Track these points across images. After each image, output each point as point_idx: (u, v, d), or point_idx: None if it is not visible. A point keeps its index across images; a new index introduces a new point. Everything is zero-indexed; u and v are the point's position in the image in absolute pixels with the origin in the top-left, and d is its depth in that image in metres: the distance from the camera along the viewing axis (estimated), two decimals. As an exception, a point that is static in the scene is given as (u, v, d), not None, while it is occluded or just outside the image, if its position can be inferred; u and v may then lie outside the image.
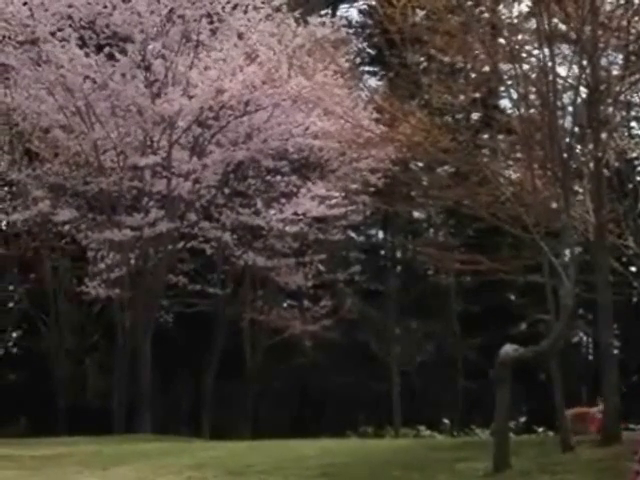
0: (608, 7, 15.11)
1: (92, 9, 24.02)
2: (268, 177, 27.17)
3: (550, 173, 15.00)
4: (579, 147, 15.95)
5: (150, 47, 24.76)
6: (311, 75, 21.84)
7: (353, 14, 37.38)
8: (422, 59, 19.04)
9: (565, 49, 16.47)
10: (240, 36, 24.47)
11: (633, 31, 15.72)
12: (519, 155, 17.52)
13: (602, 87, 15.64)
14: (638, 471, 2.81)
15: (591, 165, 15.71)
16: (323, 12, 31.38)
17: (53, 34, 23.67)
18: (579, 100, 15.54)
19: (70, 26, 23.81)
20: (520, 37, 16.32)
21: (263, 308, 29.31)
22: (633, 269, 22.42)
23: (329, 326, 28.89)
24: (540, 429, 27.37)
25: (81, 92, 24.10)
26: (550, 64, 14.50)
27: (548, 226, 14.83)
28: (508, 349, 13.08)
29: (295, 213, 25.75)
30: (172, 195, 24.61)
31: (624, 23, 15.23)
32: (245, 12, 24.46)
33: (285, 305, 31.18)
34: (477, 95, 18.90)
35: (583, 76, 14.97)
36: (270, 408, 33.92)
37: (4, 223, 27.73)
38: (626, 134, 23.03)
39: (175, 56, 24.51)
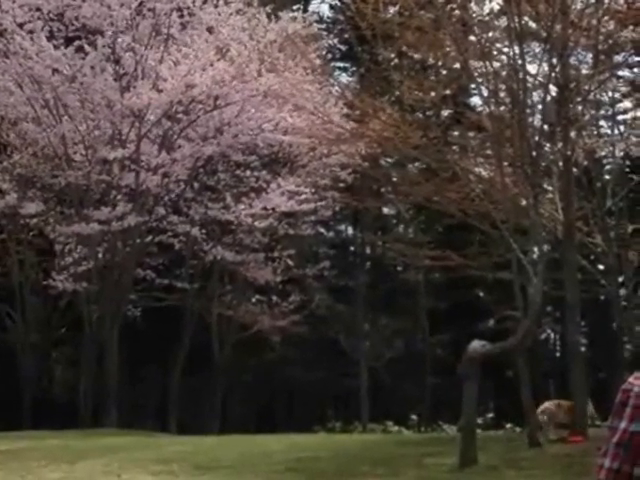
0: (579, 6, 15.21)
1: (61, 1, 23.83)
2: (238, 172, 27.07)
3: (519, 171, 15.08)
4: (548, 145, 16.05)
5: (120, 40, 24.61)
6: (282, 71, 21.79)
7: (325, 10, 37.50)
8: (393, 55, 19.08)
9: (535, 47, 16.60)
10: (210, 30, 24.37)
11: (603, 30, 15.84)
12: (489, 152, 17.59)
13: (572, 85, 15.74)
14: (601, 465, 2.84)
15: (560, 163, 15.82)
16: (295, 7, 31.37)
17: (21, 26, 23.45)
18: (549, 98, 15.64)
19: (39, 18, 23.60)
20: (491, 35, 16.41)
21: (231, 303, 29.25)
22: (601, 267, 22.58)
23: (298, 321, 28.88)
24: (508, 425, 27.50)
25: (50, 85, 23.92)
26: (520, 62, 14.58)
27: (517, 223, 14.92)
28: (476, 345, 13.14)
29: (264, 208, 25.69)
30: (141, 189, 24.49)
31: (594, 22, 15.34)
32: (216, 6, 24.35)
33: (253, 300, 31.07)
34: (448, 92, 18.99)
35: (553, 74, 15.07)
36: (238, 403, 33.86)
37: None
38: (595, 133, 23.17)
39: (145, 50, 24.36)
